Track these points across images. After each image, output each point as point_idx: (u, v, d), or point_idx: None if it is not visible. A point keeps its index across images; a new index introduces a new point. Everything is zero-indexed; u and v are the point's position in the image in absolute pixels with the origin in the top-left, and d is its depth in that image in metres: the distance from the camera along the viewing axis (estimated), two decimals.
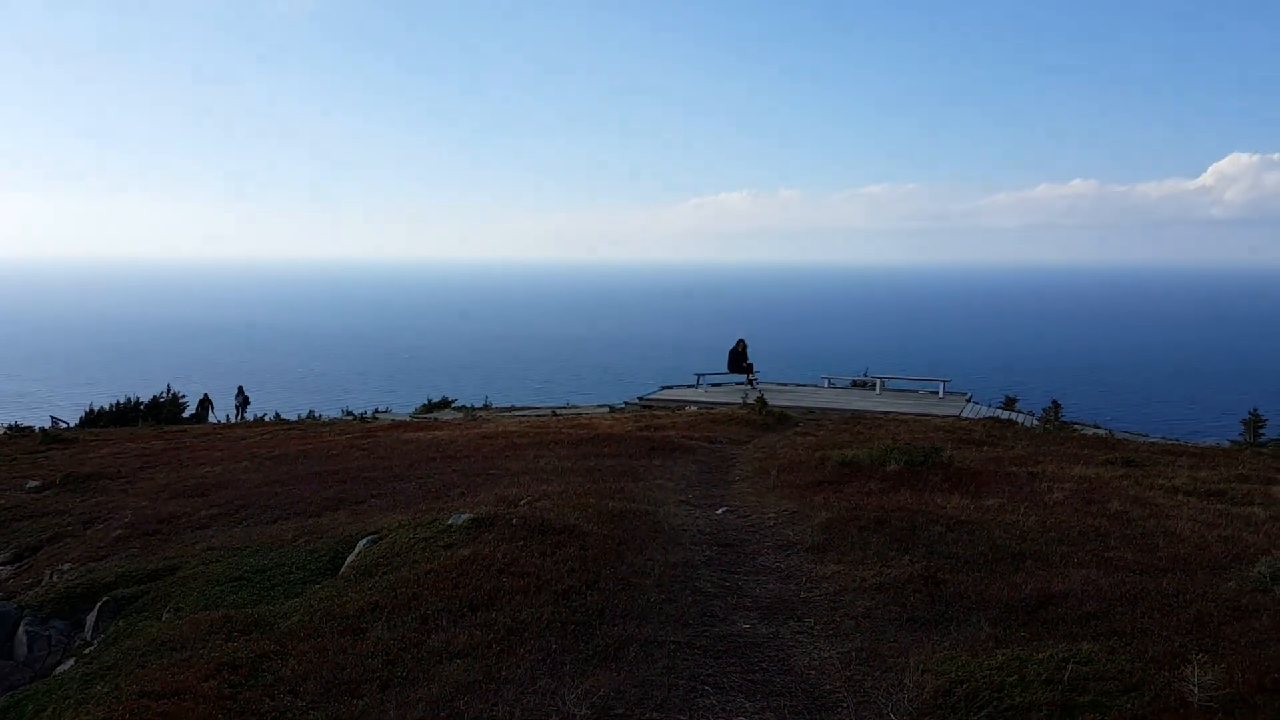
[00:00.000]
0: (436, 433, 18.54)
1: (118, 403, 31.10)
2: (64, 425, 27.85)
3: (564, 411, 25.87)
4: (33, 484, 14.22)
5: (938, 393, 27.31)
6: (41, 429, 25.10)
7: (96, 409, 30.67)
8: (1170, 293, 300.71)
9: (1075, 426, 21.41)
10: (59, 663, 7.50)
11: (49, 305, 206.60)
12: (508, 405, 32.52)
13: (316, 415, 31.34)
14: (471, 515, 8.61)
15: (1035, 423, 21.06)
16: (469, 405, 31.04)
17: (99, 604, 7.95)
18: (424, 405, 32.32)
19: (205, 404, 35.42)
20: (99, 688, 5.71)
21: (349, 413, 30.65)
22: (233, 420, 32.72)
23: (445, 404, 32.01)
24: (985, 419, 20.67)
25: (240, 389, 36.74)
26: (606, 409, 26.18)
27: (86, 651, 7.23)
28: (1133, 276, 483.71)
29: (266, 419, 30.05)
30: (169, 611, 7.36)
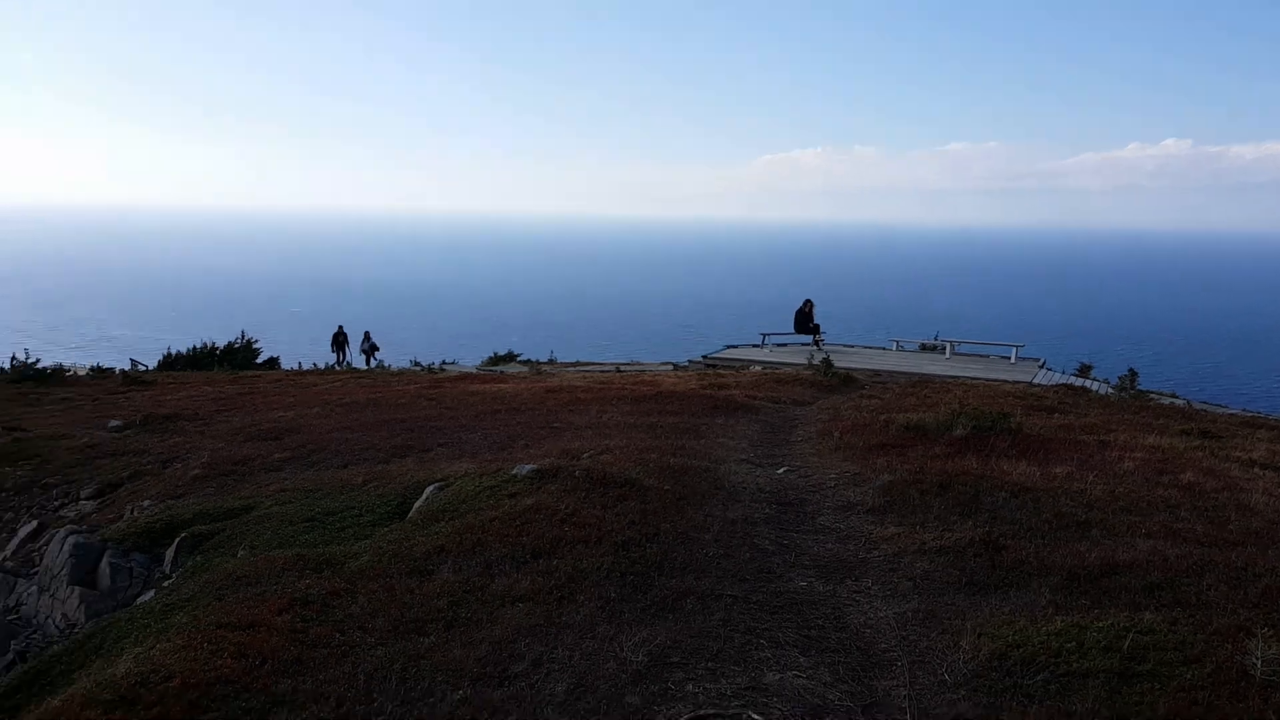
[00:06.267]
0: (502, 385, 18.79)
1: (194, 347, 31.98)
2: (143, 368, 28.79)
3: (628, 368, 25.98)
4: (114, 423, 14.75)
5: (1009, 358, 26.75)
6: (122, 371, 26.01)
7: (174, 353, 31.62)
8: (1261, 261, 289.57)
9: (1151, 396, 20.85)
10: (140, 594, 7.84)
11: (130, 251, 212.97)
12: (572, 360, 32.77)
13: (386, 365, 31.99)
14: (535, 466, 8.76)
15: (1110, 391, 20.55)
16: (534, 359, 31.35)
17: (177, 539, 8.27)
18: (490, 358, 32.73)
19: (341, 340, 34.98)
20: (178, 618, 5.97)
21: (417, 363, 31.17)
22: (362, 366, 32.91)
23: (511, 357, 32.38)
24: (1058, 386, 20.23)
25: (367, 334, 36.05)
26: (670, 366, 26.22)
27: (166, 584, 7.55)
28: (1222, 243, 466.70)
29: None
30: (244, 549, 7.64)
